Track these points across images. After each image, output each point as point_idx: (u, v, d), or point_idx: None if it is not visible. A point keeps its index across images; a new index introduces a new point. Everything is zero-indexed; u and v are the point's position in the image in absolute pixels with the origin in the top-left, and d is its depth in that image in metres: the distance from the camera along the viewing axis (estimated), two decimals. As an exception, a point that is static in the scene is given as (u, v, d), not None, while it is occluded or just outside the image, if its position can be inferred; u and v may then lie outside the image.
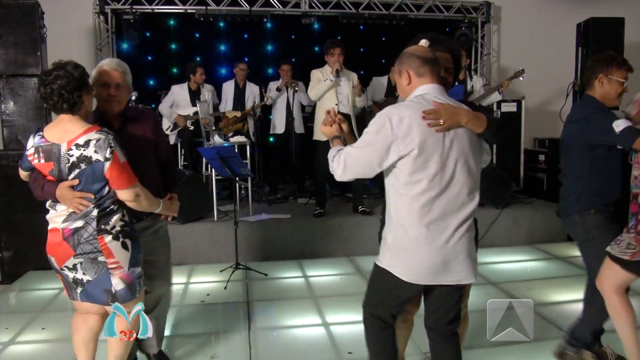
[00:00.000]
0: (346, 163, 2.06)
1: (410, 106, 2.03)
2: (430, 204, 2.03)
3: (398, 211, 2.10)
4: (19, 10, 4.81)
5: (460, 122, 2.03)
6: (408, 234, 2.07)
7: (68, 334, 3.50)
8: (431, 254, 2.06)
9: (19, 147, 4.90)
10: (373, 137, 2.02)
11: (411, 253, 2.08)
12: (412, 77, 2.12)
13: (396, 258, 2.12)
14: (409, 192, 2.04)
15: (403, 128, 1.97)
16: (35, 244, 4.88)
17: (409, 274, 2.09)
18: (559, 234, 5.82)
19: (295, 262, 5.05)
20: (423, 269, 2.08)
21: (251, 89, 6.73)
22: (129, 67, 2.68)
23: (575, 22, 6.24)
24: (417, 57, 2.11)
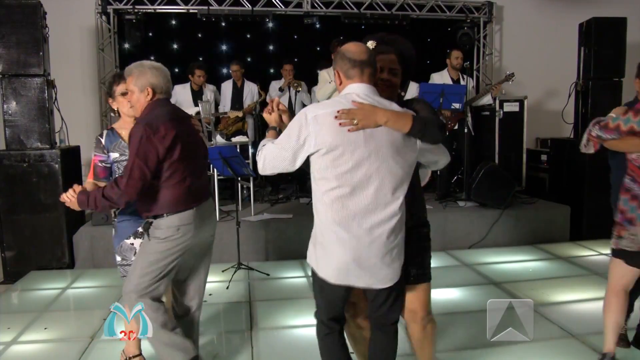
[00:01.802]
0: (265, 158, 2.11)
1: (328, 104, 2.06)
2: (342, 201, 2.02)
3: (316, 208, 2.13)
4: (21, 10, 4.82)
5: (377, 121, 2.00)
6: (321, 231, 2.11)
7: (70, 333, 3.53)
8: (342, 254, 2.05)
9: (21, 147, 4.91)
10: (289, 134, 2.06)
11: (326, 251, 2.10)
12: (342, 77, 2.13)
13: (315, 255, 2.16)
14: (322, 188, 2.06)
15: (316, 125, 2.00)
16: (38, 243, 4.90)
17: (325, 272, 2.11)
18: (561, 234, 5.82)
19: (297, 262, 5.05)
20: (335, 268, 2.08)
21: (249, 87, 6.73)
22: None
23: (577, 22, 6.23)
24: (347, 59, 2.10)
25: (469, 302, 4.00)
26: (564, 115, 6.25)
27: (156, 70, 2.58)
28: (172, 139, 2.44)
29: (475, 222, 5.59)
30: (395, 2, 7.28)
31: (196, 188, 2.59)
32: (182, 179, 2.52)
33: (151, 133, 2.39)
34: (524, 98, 6.76)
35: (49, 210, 4.88)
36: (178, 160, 2.48)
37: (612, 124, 2.56)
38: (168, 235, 2.52)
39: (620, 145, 2.62)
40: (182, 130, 2.53)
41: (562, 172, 6.28)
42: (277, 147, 2.08)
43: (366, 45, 2.17)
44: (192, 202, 2.57)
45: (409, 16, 7.29)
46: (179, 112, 2.67)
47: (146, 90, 2.54)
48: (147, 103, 2.56)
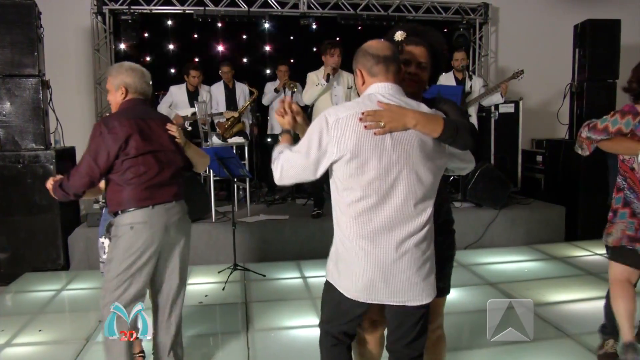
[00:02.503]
0: (283, 168, 1.92)
1: (350, 106, 1.86)
2: (369, 213, 1.85)
3: (338, 220, 1.95)
4: (16, 10, 4.80)
5: (406, 124, 1.82)
6: (345, 246, 1.91)
7: (65, 335, 3.52)
8: (369, 270, 1.87)
9: (15, 147, 4.89)
10: (309, 141, 1.86)
11: (350, 267, 1.91)
12: (365, 76, 1.94)
13: (337, 271, 1.98)
14: (346, 199, 1.87)
15: (338, 130, 1.81)
16: (32, 245, 4.88)
17: (349, 289, 1.94)
18: (556, 235, 5.84)
19: (293, 263, 5.04)
20: (362, 286, 1.89)
21: (241, 88, 6.72)
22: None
23: (572, 23, 6.26)
24: (371, 55, 1.91)
25: (465, 303, 4.01)
26: (559, 116, 6.27)
27: (132, 71, 2.61)
28: (126, 136, 2.44)
29: (471, 223, 5.60)
30: (392, 3, 7.29)
31: (156, 187, 2.54)
32: (138, 176, 2.49)
33: (105, 130, 2.44)
34: (519, 99, 6.79)
35: (44, 212, 4.86)
36: (134, 157, 2.47)
37: (600, 125, 2.61)
38: (123, 234, 2.50)
39: (612, 146, 2.66)
40: (142, 129, 2.52)
41: (558, 172, 6.30)
42: (296, 155, 1.89)
43: (389, 42, 2.00)
44: (148, 200, 2.51)
45: (405, 17, 7.30)
46: (148, 113, 2.64)
47: (120, 89, 2.58)
48: (121, 101, 2.60)
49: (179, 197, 2.67)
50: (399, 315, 1.97)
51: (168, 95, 6.42)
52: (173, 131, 2.65)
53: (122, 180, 2.49)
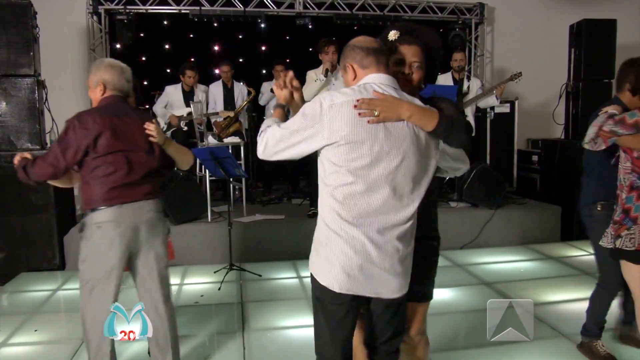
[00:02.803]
0: (267, 142, 1.90)
1: (346, 93, 1.84)
2: (354, 198, 1.82)
3: (323, 203, 1.91)
4: (11, 10, 4.79)
5: (400, 115, 1.80)
6: (329, 229, 1.86)
7: (60, 335, 3.51)
8: (350, 256, 1.82)
9: (11, 147, 4.88)
10: (301, 120, 1.85)
11: (330, 250, 1.85)
12: (356, 70, 1.92)
13: (317, 257, 1.92)
14: (333, 182, 1.84)
15: (331, 115, 1.79)
16: (28, 245, 4.87)
17: (325, 275, 1.86)
18: (552, 234, 5.85)
19: (289, 263, 5.04)
20: (339, 272, 1.83)
21: (239, 88, 6.71)
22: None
23: (568, 23, 6.28)
24: (359, 49, 1.91)
25: (461, 303, 4.02)
26: (555, 116, 6.29)
27: (111, 68, 2.58)
28: (96, 133, 2.42)
29: (467, 223, 5.61)
30: (388, 3, 7.30)
31: (124, 187, 2.50)
32: (107, 175, 2.46)
33: (77, 124, 2.42)
34: (514, 99, 6.81)
35: (40, 212, 4.85)
36: (103, 155, 2.45)
37: (629, 120, 2.50)
38: (91, 233, 2.48)
39: (636, 142, 2.55)
40: (116, 127, 2.49)
41: (553, 172, 6.32)
42: (284, 131, 1.86)
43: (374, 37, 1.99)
44: (116, 199, 2.48)
45: (401, 17, 7.31)
46: (125, 111, 2.59)
47: (99, 85, 2.57)
48: (100, 98, 2.59)
49: (151, 196, 2.63)
50: (377, 309, 1.95)
51: (164, 95, 6.41)
52: (151, 130, 2.58)
53: (91, 178, 2.47)
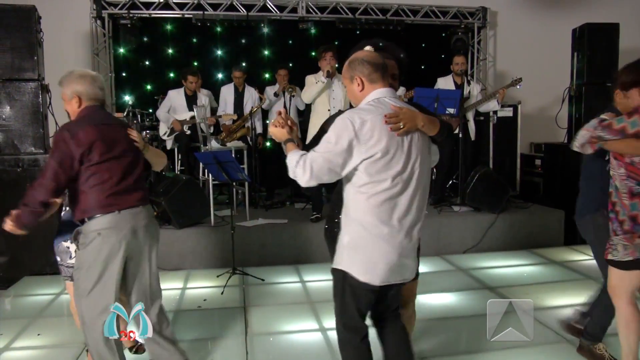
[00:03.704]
0: (312, 169, 2.04)
1: (370, 110, 2.07)
2: (391, 203, 2.08)
3: (357, 210, 2.12)
4: (16, 15, 4.81)
5: (417, 125, 2.10)
6: (369, 233, 2.09)
7: (64, 339, 3.51)
8: (391, 253, 2.10)
9: (15, 151, 4.89)
10: (336, 142, 2.03)
11: (371, 252, 2.10)
12: (365, 83, 2.16)
13: (355, 258, 2.13)
14: (370, 191, 2.07)
15: (365, 131, 2.01)
16: (31, 249, 4.87)
17: (367, 274, 2.11)
18: (556, 239, 5.84)
19: (292, 267, 5.04)
20: (381, 268, 2.10)
21: (250, 93, 6.72)
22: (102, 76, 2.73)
23: (570, 27, 6.27)
24: (368, 63, 2.15)
25: (464, 307, 4.01)
26: (558, 120, 6.28)
27: (82, 78, 2.58)
28: (89, 142, 2.44)
29: (470, 227, 5.60)
30: (390, 7, 7.31)
31: (121, 193, 2.53)
32: (102, 183, 2.48)
33: (68, 137, 2.42)
34: (517, 103, 6.80)
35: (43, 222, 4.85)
36: (97, 163, 2.47)
37: (616, 125, 2.50)
38: (91, 240, 2.49)
39: (622, 147, 2.54)
40: (105, 135, 2.51)
41: (556, 176, 6.31)
42: (323, 155, 2.03)
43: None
44: (115, 206, 2.50)
45: (403, 21, 7.33)
46: (108, 119, 2.65)
47: (74, 98, 2.58)
48: (77, 110, 2.59)
49: (145, 202, 2.68)
50: (393, 291, 2.26)
51: (166, 100, 6.42)
52: (134, 136, 2.65)
53: (86, 186, 2.48)
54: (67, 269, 2.81)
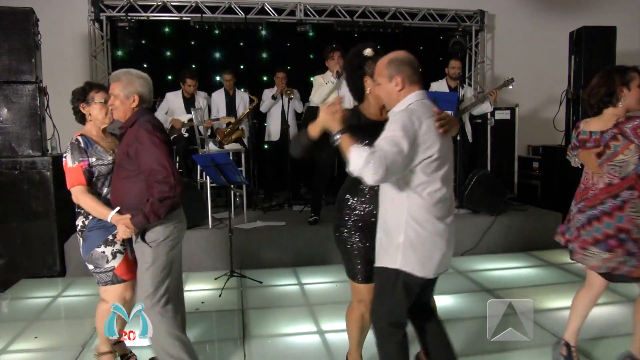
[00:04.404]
0: (387, 167, 1.99)
1: (422, 111, 2.13)
2: (442, 201, 2.19)
3: (411, 209, 2.17)
4: (13, 17, 4.81)
5: (456, 129, 2.28)
6: (425, 230, 2.18)
7: (61, 342, 3.50)
8: (444, 247, 2.22)
9: (12, 154, 4.88)
10: (402, 140, 2.03)
11: (429, 248, 2.19)
12: (405, 83, 2.19)
13: (412, 256, 2.19)
14: (426, 190, 2.15)
15: (424, 132, 2.08)
16: (28, 252, 4.87)
17: (425, 269, 2.20)
18: (553, 241, 5.79)
19: (290, 270, 5.04)
20: (436, 261, 2.21)
21: (241, 96, 6.74)
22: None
23: (568, 30, 6.30)
24: (409, 65, 2.20)
25: (462, 310, 4.01)
26: (556, 122, 6.30)
27: (143, 80, 2.71)
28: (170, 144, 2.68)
29: (468, 229, 5.61)
30: (388, 10, 7.33)
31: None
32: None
33: (161, 135, 2.59)
34: (515, 106, 6.82)
35: (40, 218, 4.85)
36: None
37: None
38: (167, 235, 2.63)
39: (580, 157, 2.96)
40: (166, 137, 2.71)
41: (554, 179, 6.32)
42: (394, 152, 2.01)
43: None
44: (178, 202, 2.70)
45: (401, 24, 7.34)
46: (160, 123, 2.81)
47: (132, 97, 2.66)
48: (132, 110, 2.67)
49: None
50: (431, 283, 2.41)
51: (164, 102, 6.42)
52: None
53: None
54: (103, 275, 2.78)
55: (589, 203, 2.80)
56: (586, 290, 2.92)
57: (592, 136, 2.81)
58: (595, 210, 2.76)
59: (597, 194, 2.77)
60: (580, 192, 2.92)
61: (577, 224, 2.85)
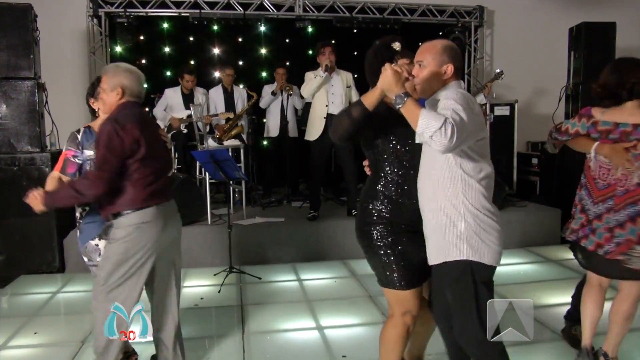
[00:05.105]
0: (462, 136, 1.88)
1: (467, 96, 2.05)
2: (490, 184, 2.15)
3: (467, 196, 2.08)
4: (12, 13, 4.80)
5: None
6: (486, 216, 2.10)
7: (60, 338, 3.51)
8: (501, 232, 2.15)
9: (11, 150, 4.88)
10: (471, 114, 1.95)
11: (493, 234, 2.11)
12: (453, 72, 2.14)
13: (480, 244, 2.09)
14: (479, 174, 2.10)
15: (477, 111, 2.03)
16: (28, 248, 4.87)
17: (495, 257, 2.12)
18: (552, 237, 5.84)
19: (289, 266, 5.04)
20: (500, 248, 2.13)
21: (239, 92, 6.73)
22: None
23: (567, 26, 6.28)
24: (459, 58, 2.19)
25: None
26: (555, 118, 6.27)
27: (130, 73, 2.62)
28: (137, 137, 2.49)
29: (467, 225, 5.60)
30: (387, 6, 7.31)
31: (157, 188, 2.62)
32: (144, 177, 2.55)
33: (120, 129, 2.45)
34: (514, 102, 6.81)
35: (39, 214, 4.83)
36: (142, 159, 2.52)
37: (563, 127, 2.88)
38: (128, 233, 2.52)
39: (572, 145, 2.91)
40: (146, 132, 2.58)
41: (553, 175, 6.32)
42: (465, 122, 1.91)
43: None
44: (153, 200, 2.59)
45: (400, 20, 7.32)
46: (146, 117, 2.76)
47: (116, 90, 2.59)
48: (116, 103, 2.61)
49: (172, 196, 2.80)
50: None
51: (163, 98, 6.42)
52: (165, 137, 2.80)
53: (128, 181, 2.52)
54: (95, 269, 2.80)
55: (623, 200, 2.62)
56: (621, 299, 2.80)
57: (618, 127, 2.63)
58: (637, 207, 2.60)
59: (633, 190, 2.60)
60: (598, 189, 2.72)
61: (610, 224, 2.65)
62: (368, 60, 2.46)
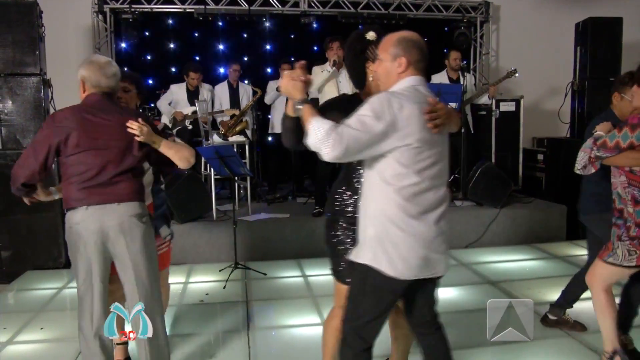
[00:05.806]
0: (348, 146, 1.83)
1: (408, 97, 1.93)
2: (419, 197, 1.96)
3: (383, 202, 1.98)
4: (17, 10, 4.80)
5: (452, 128, 2.08)
6: (396, 226, 1.96)
7: (66, 333, 3.52)
8: (419, 247, 1.97)
9: (17, 146, 4.89)
10: (372, 121, 1.85)
11: (400, 246, 1.96)
12: (408, 66, 2.01)
13: (381, 252, 1.98)
14: (399, 183, 1.94)
15: (403, 117, 1.88)
16: (33, 244, 4.89)
17: (397, 268, 1.97)
18: (558, 233, 5.83)
19: (294, 262, 5.05)
20: (411, 262, 1.97)
21: (244, 88, 6.74)
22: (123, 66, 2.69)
23: (573, 21, 6.26)
24: (419, 50, 2.02)
25: (466, 302, 4.01)
26: (561, 114, 6.27)
27: (90, 64, 2.49)
28: (68, 131, 2.33)
29: (472, 222, 5.60)
30: (392, 1, 7.28)
31: (93, 187, 2.38)
32: (78, 175, 2.38)
33: (51, 122, 2.38)
34: (520, 97, 6.78)
35: (45, 210, 4.86)
36: (72, 154, 2.36)
37: (610, 143, 2.55)
38: (67, 234, 2.46)
39: (620, 162, 2.60)
40: (87, 125, 2.38)
41: (559, 171, 6.30)
42: (361, 133, 1.85)
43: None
44: (84, 200, 2.38)
45: (405, 16, 7.30)
46: (101, 108, 2.45)
47: (80, 82, 2.51)
48: (84, 97, 2.52)
49: (126, 199, 2.45)
50: (427, 288, 2.17)
51: (168, 93, 6.43)
52: (133, 129, 2.44)
53: (65, 177, 2.43)
54: None
55: None
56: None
57: None
58: None
59: None
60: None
61: None
62: (344, 52, 2.48)
